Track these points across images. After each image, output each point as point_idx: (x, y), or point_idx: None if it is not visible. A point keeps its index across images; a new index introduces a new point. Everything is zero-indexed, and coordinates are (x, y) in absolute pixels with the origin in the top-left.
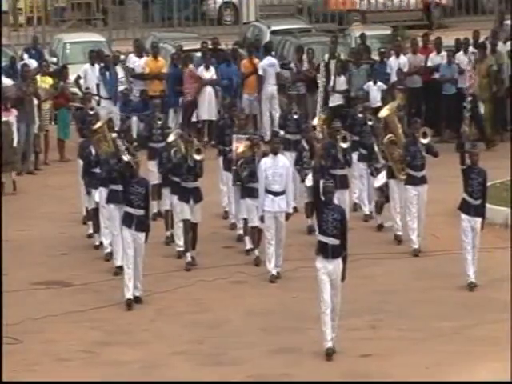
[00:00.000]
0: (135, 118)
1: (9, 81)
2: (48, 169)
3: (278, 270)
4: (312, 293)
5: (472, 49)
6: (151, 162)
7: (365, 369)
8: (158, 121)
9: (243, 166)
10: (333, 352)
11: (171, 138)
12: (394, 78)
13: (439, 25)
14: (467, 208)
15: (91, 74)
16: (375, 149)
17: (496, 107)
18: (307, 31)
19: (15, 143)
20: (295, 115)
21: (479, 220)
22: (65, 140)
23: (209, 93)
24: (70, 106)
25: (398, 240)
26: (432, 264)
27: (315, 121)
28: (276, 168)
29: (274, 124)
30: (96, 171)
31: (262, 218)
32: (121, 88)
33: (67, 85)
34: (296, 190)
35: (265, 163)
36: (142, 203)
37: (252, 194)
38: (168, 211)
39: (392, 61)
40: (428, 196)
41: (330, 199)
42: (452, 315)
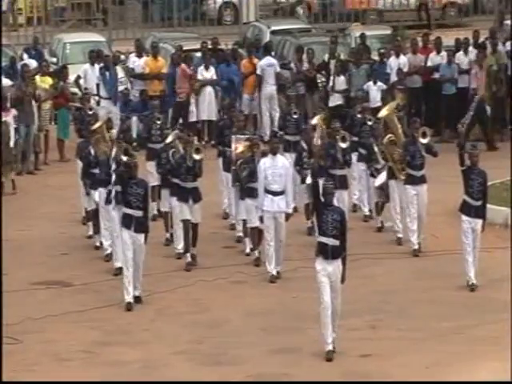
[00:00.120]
0: (135, 118)
1: (7, 81)
2: (48, 169)
3: (278, 270)
4: (312, 293)
5: (471, 49)
6: (150, 163)
7: (365, 369)
8: (157, 121)
9: (242, 166)
10: (333, 353)
11: (169, 139)
12: (394, 78)
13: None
14: (468, 209)
15: (91, 74)
16: (375, 149)
17: (496, 107)
18: (307, 31)
19: (12, 143)
20: (295, 115)
21: (480, 221)
22: (65, 140)
23: (209, 93)
24: (70, 106)
25: (399, 242)
26: (432, 264)
27: (314, 120)
28: (275, 168)
29: (274, 124)
30: (95, 172)
31: (262, 219)
32: (121, 88)
33: (67, 85)
34: (296, 191)
35: (264, 163)
36: (141, 204)
37: (252, 194)
38: (167, 213)
39: (392, 61)
40: (428, 196)
41: (330, 200)
42: (452, 315)
